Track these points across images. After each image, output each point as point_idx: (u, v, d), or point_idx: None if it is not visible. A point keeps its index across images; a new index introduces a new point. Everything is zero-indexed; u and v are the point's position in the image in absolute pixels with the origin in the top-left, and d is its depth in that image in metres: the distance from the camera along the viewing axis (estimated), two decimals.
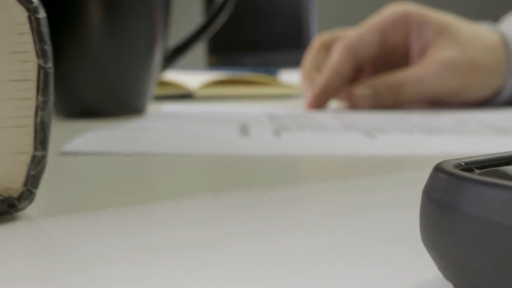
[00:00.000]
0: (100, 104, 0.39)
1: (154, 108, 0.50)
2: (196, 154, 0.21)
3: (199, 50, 1.98)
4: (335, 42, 0.51)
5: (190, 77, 0.71)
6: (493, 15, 1.28)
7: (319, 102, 0.47)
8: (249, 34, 1.73)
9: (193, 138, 0.26)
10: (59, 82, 0.38)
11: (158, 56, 0.41)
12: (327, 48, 0.52)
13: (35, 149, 0.13)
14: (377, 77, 0.46)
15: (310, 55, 0.52)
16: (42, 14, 0.13)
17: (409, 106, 0.48)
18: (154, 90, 0.43)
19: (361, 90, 0.45)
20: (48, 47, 0.13)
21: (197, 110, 0.47)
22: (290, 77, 1.03)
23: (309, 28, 1.61)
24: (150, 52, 0.40)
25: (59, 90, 0.39)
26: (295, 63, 1.64)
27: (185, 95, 0.67)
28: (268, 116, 0.40)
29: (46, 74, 0.13)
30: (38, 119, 0.13)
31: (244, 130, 0.29)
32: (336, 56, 0.47)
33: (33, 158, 0.13)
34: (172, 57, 0.43)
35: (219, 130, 0.29)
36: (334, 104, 0.54)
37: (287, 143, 0.24)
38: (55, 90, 0.39)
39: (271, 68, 1.19)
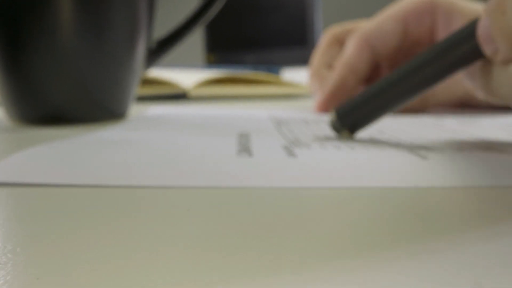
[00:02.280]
0: (70, 107, 0.32)
1: (139, 111, 0.43)
2: (173, 186, 0.15)
3: (197, 47, 1.91)
4: (348, 35, 0.45)
5: (185, 75, 0.64)
6: None
7: (331, 104, 0.41)
8: (249, 30, 1.66)
9: (173, 158, 0.19)
10: (20, 80, 0.32)
11: (141, 50, 0.34)
12: (339, 42, 0.45)
13: None
14: None
15: (319, 51, 0.46)
16: None
17: (435, 109, 0.42)
18: (137, 90, 0.36)
19: None
20: None
21: (189, 113, 0.40)
22: (294, 75, 0.97)
23: (314, 24, 1.55)
24: (132, 45, 0.33)
25: (20, 90, 0.32)
26: (298, 61, 1.57)
27: (178, 95, 0.60)
28: (274, 122, 0.33)
29: None
30: None
31: (245, 144, 0.22)
32: (350, 49, 0.41)
33: None
34: (158, 50, 0.37)
35: (212, 144, 0.23)
36: None
37: (306, 167, 0.17)
38: (15, 90, 0.32)
39: (272, 66, 1.13)
